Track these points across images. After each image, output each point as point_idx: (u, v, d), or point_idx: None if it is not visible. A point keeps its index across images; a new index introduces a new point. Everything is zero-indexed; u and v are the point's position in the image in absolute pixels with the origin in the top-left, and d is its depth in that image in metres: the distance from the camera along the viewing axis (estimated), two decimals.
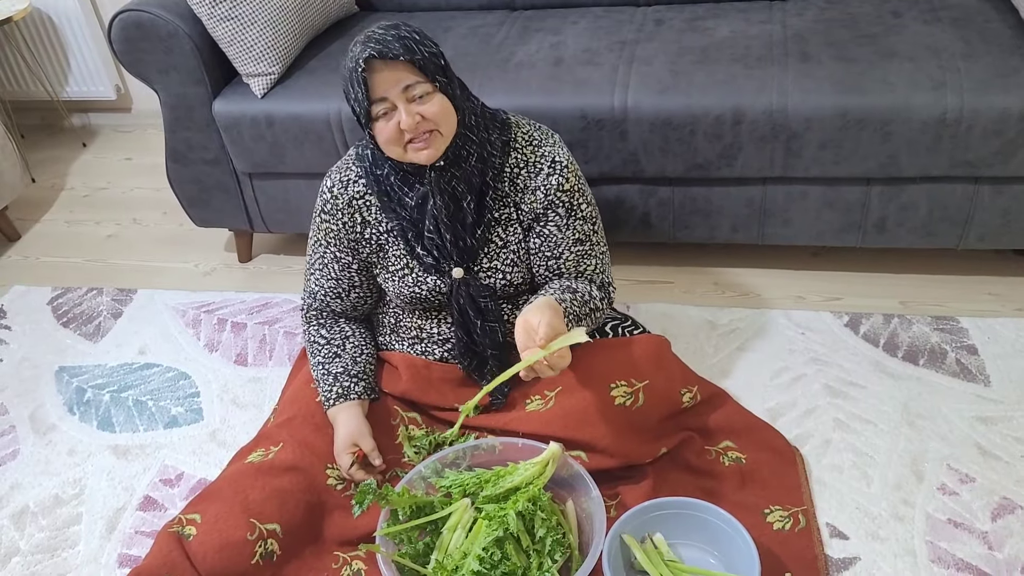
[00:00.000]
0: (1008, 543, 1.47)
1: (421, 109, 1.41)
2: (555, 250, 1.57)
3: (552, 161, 1.54)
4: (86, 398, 2.01)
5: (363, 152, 1.56)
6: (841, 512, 1.55)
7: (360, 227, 1.57)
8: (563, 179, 1.54)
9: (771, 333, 1.96)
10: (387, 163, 1.51)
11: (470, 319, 1.58)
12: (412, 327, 1.65)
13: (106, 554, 1.64)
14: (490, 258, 1.56)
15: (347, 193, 1.56)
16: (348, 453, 1.53)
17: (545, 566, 1.38)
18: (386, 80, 1.39)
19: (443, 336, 1.64)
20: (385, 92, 1.39)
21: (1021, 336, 1.87)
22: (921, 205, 1.92)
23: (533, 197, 1.54)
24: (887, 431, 1.69)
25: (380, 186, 1.54)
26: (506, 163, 1.53)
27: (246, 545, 1.42)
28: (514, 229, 1.56)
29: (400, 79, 1.39)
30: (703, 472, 1.61)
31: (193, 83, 2.10)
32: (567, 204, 1.55)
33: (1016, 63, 1.80)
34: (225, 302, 2.27)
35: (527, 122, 1.58)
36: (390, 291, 1.61)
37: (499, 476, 1.47)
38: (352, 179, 1.56)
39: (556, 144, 1.56)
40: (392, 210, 1.54)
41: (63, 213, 2.83)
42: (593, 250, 1.60)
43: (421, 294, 1.57)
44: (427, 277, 1.56)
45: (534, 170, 1.54)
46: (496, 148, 1.52)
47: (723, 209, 2.02)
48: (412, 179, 1.51)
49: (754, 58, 1.93)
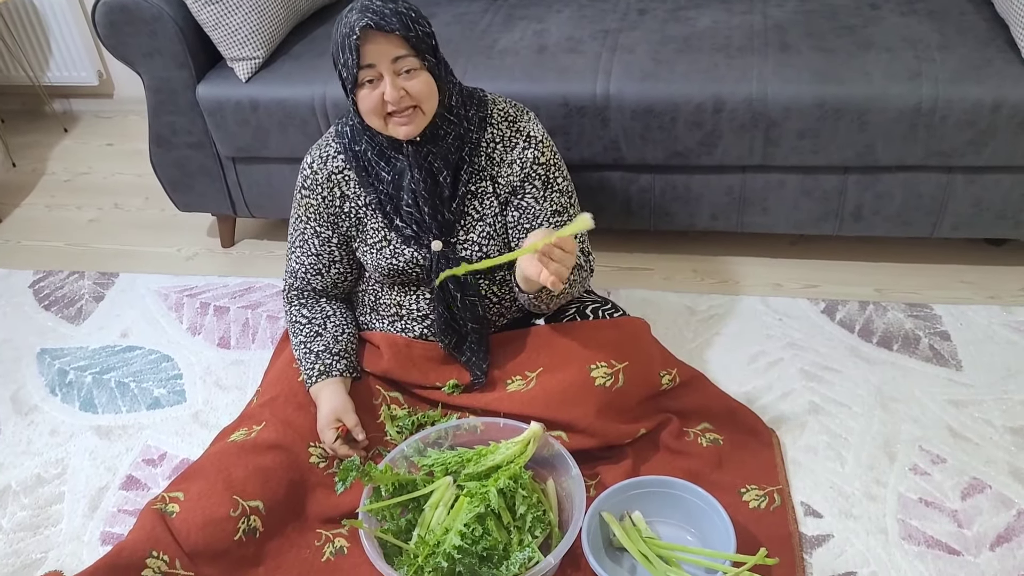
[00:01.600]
0: (977, 521, 1.51)
1: (406, 84, 1.43)
2: (533, 222, 1.59)
3: (527, 136, 1.58)
4: (68, 379, 2.01)
5: (342, 129, 1.59)
6: (815, 491, 1.59)
7: (339, 201, 1.59)
8: (538, 152, 1.58)
9: (749, 319, 2.00)
10: (365, 138, 1.54)
11: (450, 293, 1.60)
12: (391, 304, 1.67)
13: (89, 532, 1.64)
14: (466, 231, 1.58)
15: (326, 168, 1.59)
16: (332, 428, 1.55)
17: (526, 542, 1.41)
18: (378, 50, 1.41)
19: (422, 312, 1.66)
20: (374, 60, 1.42)
21: (992, 322, 1.91)
22: (896, 194, 1.96)
23: (509, 171, 1.57)
24: (861, 414, 1.73)
25: (358, 161, 1.57)
26: (483, 138, 1.57)
27: (229, 522, 1.44)
28: (490, 203, 1.58)
29: (391, 51, 1.41)
30: (681, 453, 1.64)
31: (177, 67, 2.10)
32: (543, 177, 1.59)
33: (990, 55, 1.84)
34: (208, 286, 2.28)
35: (503, 99, 1.61)
36: (369, 265, 1.63)
37: (481, 455, 1.49)
38: (331, 155, 1.59)
39: (531, 120, 1.60)
40: (370, 184, 1.57)
41: (44, 198, 2.81)
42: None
43: (398, 266, 1.59)
44: (404, 249, 1.58)
45: (510, 144, 1.57)
46: (473, 124, 1.56)
47: (703, 197, 2.05)
48: (388, 153, 1.54)
49: (735, 48, 1.96)
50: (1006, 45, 1.86)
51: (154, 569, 1.38)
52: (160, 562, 1.38)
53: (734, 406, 1.75)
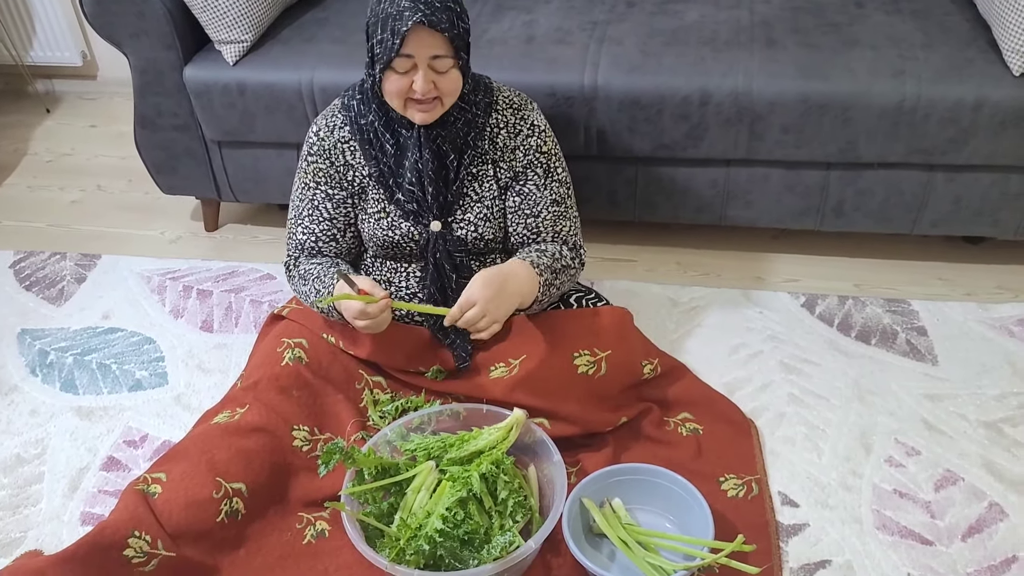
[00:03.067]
0: (949, 512, 1.54)
1: (437, 79, 1.46)
2: (534, 208, 1.63)
3: (531, 124, 1.62)
4: (49, 360, 2.00)
5: (349, 103, 1.61)
6: (792, 481, 1.61)
7: (344, 169, 1.62)
8: (541, 142, 1.62)
9: (730, 311, 2.02)
10: (373, 107, 1.57)
11: (445, 273, 1.62)
12: (381, 280, 1.68)
13: (68, 512, 1.64)
14: (463, 211, 1.61)
15: (333, 136, 1.62)
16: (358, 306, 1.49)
17: (507, 526, 1.42)
18: (421, 44, 1.42)
19: (411, 291, 1.67)
20: (415, 52, 1.43)
21: (968, 319, 1.94)
22: (878, 191, 1.98)
23: (512, 156, 1.61)
24: (839, 406, 1.75)
25: (363, 134, 1.59)
26: (487, 123, 1.60)
27: (211, 503, 1.44)
28: (489, 186, 1.61)
29: (433, 48, 1.43)
30: (662, 441, 1.66)
31: (164, 48, 2.08)
32: (545, 166, 1.62)
33: (972, 55, 1.86)
34: (191, 270, 2.27)
35: (507, 88, 1.65)
36: (366, 234, 1.66)
37: (463, 440, 1.51)
38: (338, 124, 1.62)
39: (534, 110, 1.64)
40: (372, 157, 1.59)
41: (26, 178, 2.79)
42: (567, 212, 1.67)
43: (394, 239, 1.62)
44: (402, 223, 1.61)
45: (514, 131, 1.61)
46: (480, 109, 1.59)
47: (687, 190, 2.07)
48: (395, 127, 1.56)
49: (722, 42, 1.98)
50: (988, 45, 1.89)
51: (135, 549, 1.38)
52: (142, 542, 1.38)
53: (714, 396, 1.77)
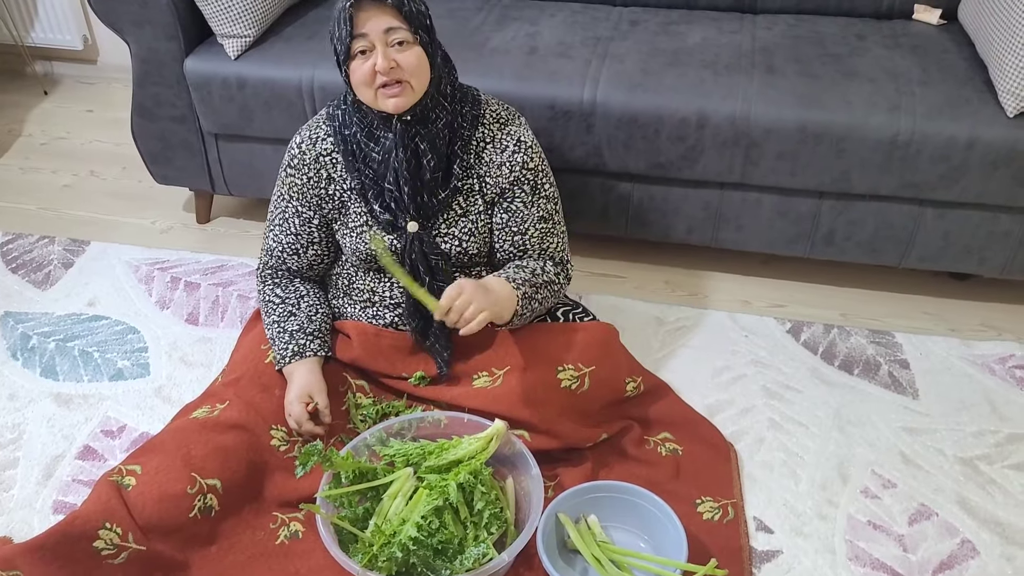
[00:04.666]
0: (922, 547, 1.55)
1: (397, 56, 1.45)
2: (521, 226, 1.63)
3: (518, 140, 1.61)
4: (31, 345, 1.99)
5: (333, 112, 1.60)
6: (769, 507, 1.62)
7: (325, 183, 1.60)
8: (528, 158, 1.61)
9: (716, 333, 2.02)
10: (355, 119, 1.55)
11: (420, 275, 1.61)
12: (364, 290, 1.67)
13: (41, 499, 1.63)
14: (448, 224, 1.60)
15: (315, 149, 1.60)
16: (301, 403, 1.55)
17: (481, 537, 1.42)
18: (371, 19, 1.43)
19: (394, 300, 1.66)
20: (367, 30, 1.43)
21: (951, 355, 1.95)
22: (868, 222, 1.99)
23: (498, 172, 1.60)
24: (818, 434, 1.76)
25: (347, 145, 1.58)
26: (473, 136, 1.59)
27: (185, 498, 1.43)
28: (475, 200, 1.60)
29: (384, 22, 1.44)
30: (640, 460, 1.66)
31: (166, 38, 2.08)
32: (532, 182, 1.61)
33: (967, 94, 1.88)
34: (180, 261, 2.26)
35: (495, 101, 1.64)
36: (347, 247, 1.64)
37: (443, 448, 1.50)
38: (321, 136, 1.60)
39: (522, 125, 1.63)
40: (356, 169, 1.58)
41: (18, 159, 2.78)
42: (555, 228, 1.66)
43: (375, 251, 1.60)
44: (384, 235, 1.59)
45: (500, 147, 1.60)
46: (466, 120, 1.58)
47: (680, 210, 2.07)
48: (378, 134, 1.55)
49: (722, 65, 1.99)
50: (984, 85, 1.90)
51: (106, 540, 1.37)
52: (113, 534, 1.38)
53: (695, 418, 1.77)
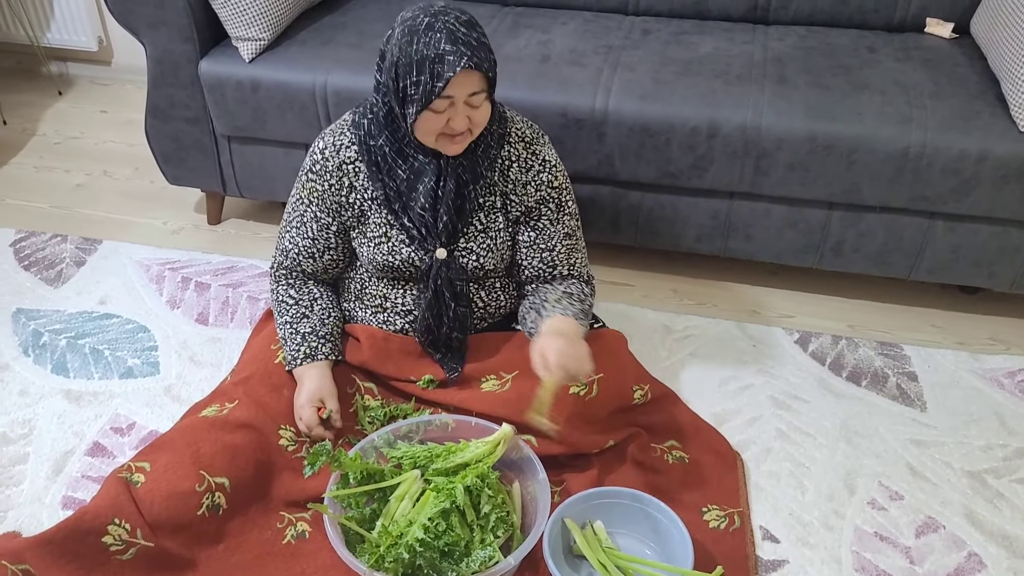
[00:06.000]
0: (928, 559, 1.55)
1: (472, 114, 1.44)
2: (548, 243, 1.63)
3: (543, 160, 1.60)
4: (42, 341, 2.00)
5: (359, 120, 1.57)
6: (775, 517, 1.62)
7: (346, 191, 1.59)
8: (553, 177, 1.60)
9: (724, 343, 2.03)
10: (385, 133, 1.52)
11: (444, 301, 1.60)
12: (377, 295, 1.68)
13: (50, 495, 1.64)
14: (467, 239, 1.59)
15: (338, 157, 1.58)
16: (312, 406, 1.56)
17: (487, 541, 1.42)
18: (462, 85, 1.39)
19: (406, 307, 1.67)
20: (454, 92, 1.40)
21: (959, 368, 1.95)
22: (878, 234, 2.00)
23: (524, 191, 1.59)
24: (825, 445, 1.76)
25: (371, 155, 1.55)
26: (499, 154, 1.58)
27: (193, 496, 1.44)
28: (495, 217, 1.60)
29: (472, 86, 1.41)
30: (647, 467, 1.66)
31: (182, 40, 2.10)
32: (557, 200, 1.62)
33: (979, 107, 1.88)
34: (191, 261, 2.28)
35: (520, 119, 1.62)
36: (364, 256, 1.63)
37: (450, 451, 1.51)
38: (345, 144, 1.58)
39: (546, 144, 1.62)
40: (379, 180, 1.56)
41: (32, 158, 2.80)
42: (579, 244, 1.68)
43: (394, 263, 1.60)
44: (403, 248, 1.59)
45: (525, 166, 1.59)
46: (494, 139, 1.56)
47: (689, 219, 2.08)
48: (408, 152, 1.53)
49: (734, 76, 2.00)
50: (995, 99, 1.91)
51: (115, 536, 1.38)
52: (121, 530, 1.39)
53: (702, 426, 1.78)
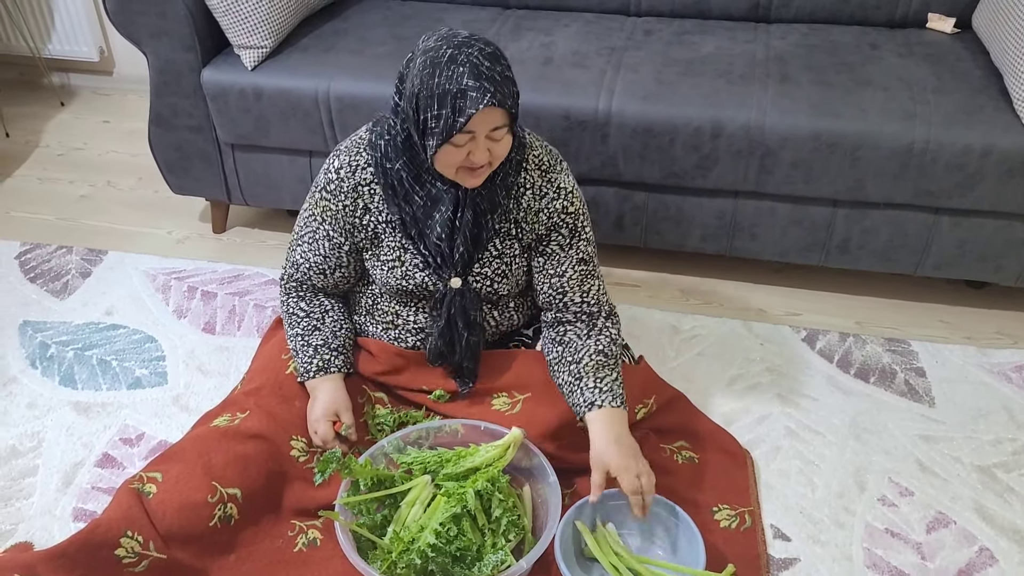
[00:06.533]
0: (940, 555, 1.54)
1: (492, 147, 1.40)
2: (558, 268, 1.57)
3: (558, 187, 1.54)
4: (49, 353, 2.01)
5: (376, 141, 1.51)
6: (785, 515, 1.62)
7: (361, 213, 1.54)
8: (568, 203, 1.55)
9: (731, 342, 2.03)
10: (403, 159, 1.48)
11: (457, 330, 1.58)
12: (388, 312, 1.66)
13: (61, 507, 1.64)
14: (482, 265, 1.55)
15: (354, 178, 1.53)
16: (328, 421, 1.55)
17: (499, 545, 1.42)
18: (485, 121, 1.35)
19: (418, 325, 1.65)
20: (476, 128, 1.35)
21: (967, 363, 1.95)
22: (883, 230, 1.99)
23: (536, 219, 1.54)
24: (834, 442, 1.76)
25: (387, 179, 1.51)
26: (516, 182, 1.53)
27: (206, 507, 1.44)
28: (510, 243, 1.55)
29: (494, 121, 1.36)
30: (657, 468, 1.63)
31: (184, 49, 2.10)
32: (570, 226, 1.56)
33: (982, 101, 1.88)
34: (196, 270, 2.28)
35: (539, 144, 1.57)
36: (377, 278, 1.61)
37: (460, 456, 1.51)
38: (361, 164, 1.53)
39: (563, 171, 1.56)
40: (396, 204, 1.52)
41: (36, 170, 2.80)
42: (595, 271, 1.60)
43: (407, 287, 1.57)
44: (416, 273, 1.56)
45: (539, 193, 1.54)
46: (512, 167, 1.51)
47: (694, 219, 2.08)
48: (425, 178, 1.49)
49: (736, 75, 2.00)
50: (999, 93, 1.91)
51: (127, 549, 1.38)
52: (134, 542, 1.38)
53: (711, 426, 1.77)
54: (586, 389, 1.51)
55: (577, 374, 1.53)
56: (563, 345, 1.58)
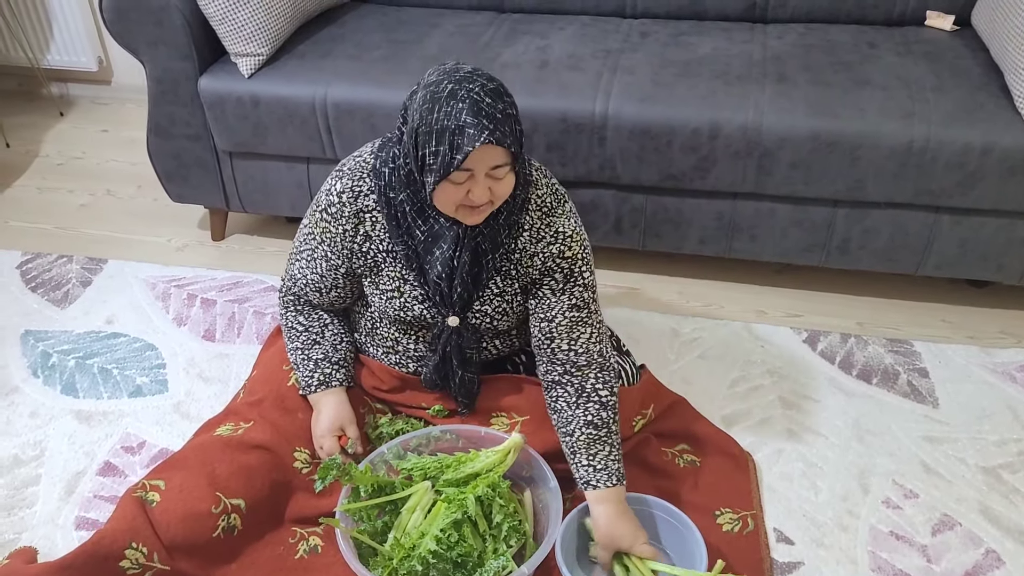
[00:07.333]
0: (945, 557, 1.53)
1: (493, 185, 1.35)
2: (548, 312, 1.51)
3: (556, 231, 1.48)
4: (51, 362, 2.00)
5: (380, 169, 1.46)
6: (789, 519, 1.61)
7: (361, 240, 1.51)
8: (565, 247, 1.49)
9: (732, 344, 2.02)
10: (407, 192, 1.44)
11: (452, 368, 1.58)
12: (388, 337, 1.64)
13: (63, 516, 1.64)
14: (482, 303, 1.53)
15: (356, 204, 1.49)
16: (333, 436, 1.55)
17: (500, 550, 1.42)
18: (483, 159, 1.31)
19: (419, 353, 1.63)
20: (474, 165, 1.31)
21: (970, 362, 1.94)
22: (883, 230, 1.99)
23: (530, 262, 1.49)
24: (838, 444, 1.75)
25: (391, 209, 1.46)
26: (517, 221, 1.49)
27: (210, 518, 1.44)
28: (511, 282, 1.52)
29: (494, 159, 1.32)
30: (659, 472, 1.65)
31: (181, 58, 2.10)
32: (565, 271, 1.50)
33: (982, 99, 1.88)
34: (196, 278, 2.28)
35: (545, 183, 1.51)
36: (375, 305, 1.58)
37: (460, 462, 1.51)
38: (364, 191, 1.48)
39: (565, 214, 1.50)
40: (399, 236, 1.48)
41: (36, 180, 2.80)
42: (590, 319, 1.52)
43: (405, 318, 1.56)
44: (415, 305, 1.53)
45: (536, 236, 1.48)
46: (516, 206, 1.46)
47: (693, 221, 2.07)
48: (428, 212, 1.45)
49: (734, 76, 1.99)
50: (999, 91, 1.90)
51: (132, 560, 1.38)
52: (138, 553, 1.38)
53: (712, 429, 1.77)
54: (580, 467, 1.47)
55: (572, 448, 1.49)
56: (556, 413, 1.52)
